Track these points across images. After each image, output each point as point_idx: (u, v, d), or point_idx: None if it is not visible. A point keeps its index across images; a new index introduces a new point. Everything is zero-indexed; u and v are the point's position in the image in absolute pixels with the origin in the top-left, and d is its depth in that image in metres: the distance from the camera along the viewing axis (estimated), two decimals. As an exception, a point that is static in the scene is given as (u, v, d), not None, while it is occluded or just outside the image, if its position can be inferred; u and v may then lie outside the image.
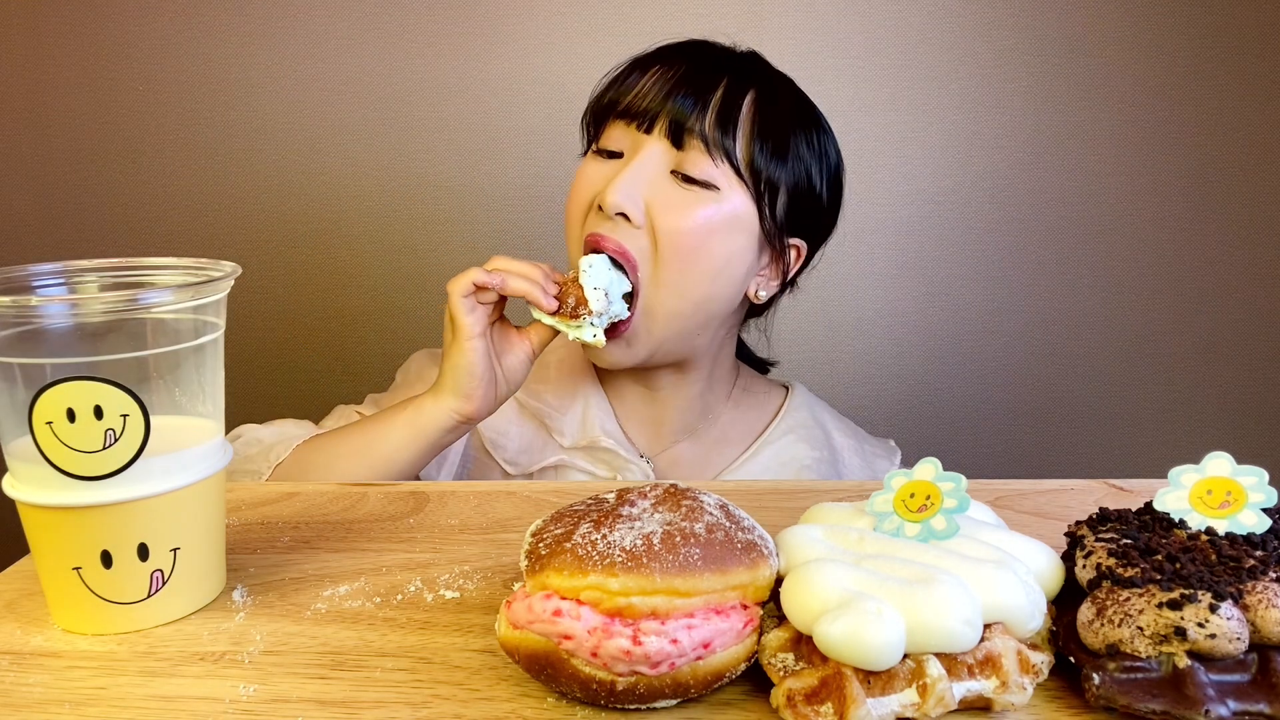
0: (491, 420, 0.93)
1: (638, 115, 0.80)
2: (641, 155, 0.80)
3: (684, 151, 0.80)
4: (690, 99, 0.79)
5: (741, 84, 0.82)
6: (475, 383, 0.78)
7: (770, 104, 0.83)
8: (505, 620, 0.43)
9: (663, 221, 0.79)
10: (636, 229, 0.80)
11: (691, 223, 0.79)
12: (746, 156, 0.80)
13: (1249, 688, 0.38)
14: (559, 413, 0.92)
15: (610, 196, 0.79)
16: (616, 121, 0.83)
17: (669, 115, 0.79)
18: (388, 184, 1.38)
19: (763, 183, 0.81)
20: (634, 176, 0.79)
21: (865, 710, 0.38)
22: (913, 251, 1.39)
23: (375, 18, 1.34)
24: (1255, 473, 0.46)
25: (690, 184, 0.80)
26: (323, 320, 1.41)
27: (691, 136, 0.79)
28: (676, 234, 0.79)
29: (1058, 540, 0.51)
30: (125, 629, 0.49)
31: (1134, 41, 1.33)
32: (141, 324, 0.49)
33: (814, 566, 0.42)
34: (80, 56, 1.36)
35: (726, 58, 0.84)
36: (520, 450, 0.92)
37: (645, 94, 0.80)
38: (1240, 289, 1.39)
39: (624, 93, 0.82)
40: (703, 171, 0.79)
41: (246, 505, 0.67)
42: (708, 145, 0.79)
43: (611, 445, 0.89)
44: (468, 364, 0.77)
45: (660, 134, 0.80)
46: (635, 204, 0.79)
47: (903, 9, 1.33)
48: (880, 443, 1.00)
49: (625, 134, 0.82)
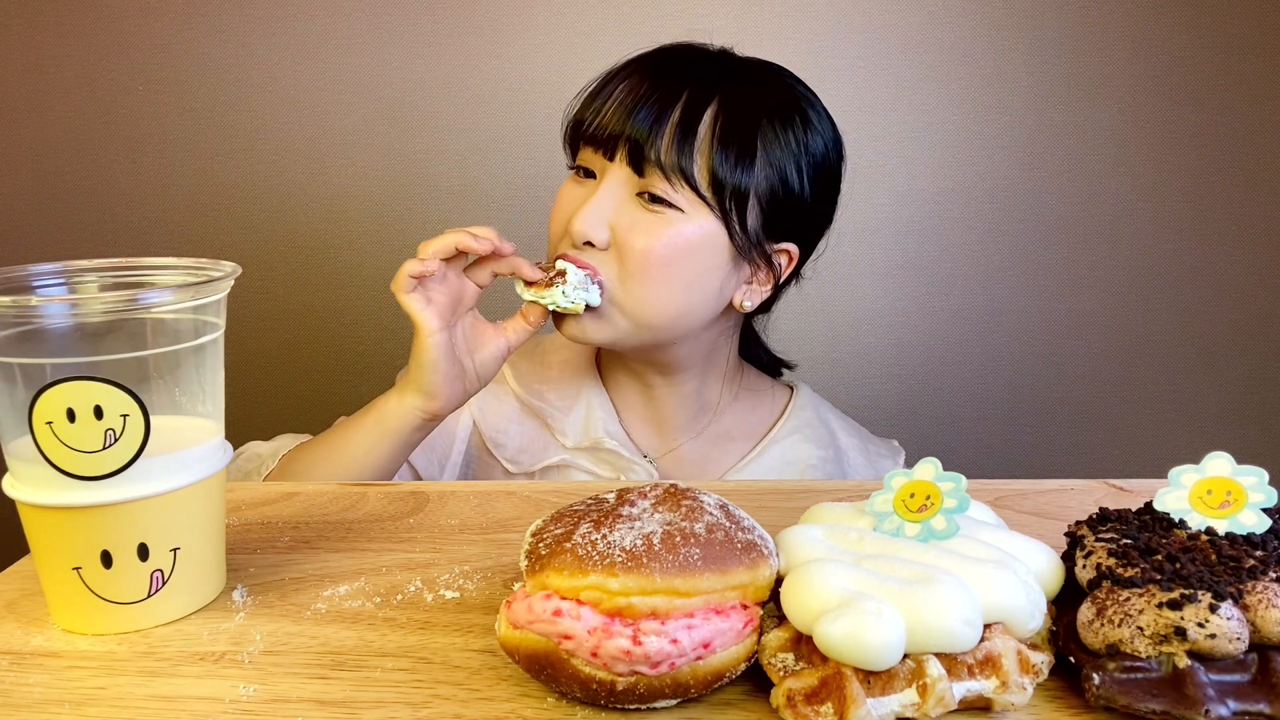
0: (492, 420, 0.93)
1: (601, 142, 0.82)
2: (606, 182, 0.81)
3: (645, 177, 0.80)
4: (647, 122, 0.80)
5: (706, 93, 0.81)
6: (439, 379, 0.78)
7: (735, 108, 0.81)
8: (505, 620, 0.43)
9: (628, 243, 0.80)
10: (603, 251, 0.81)
11: (656, 243, 0.80)
12: (706, 172, 0.80)
13: (1249, 688, 0.38)
14: (561, 413, 0.92)
15: (575, 225, 0.80)
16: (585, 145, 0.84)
17: (628, 138, 0.80)
18: (388, 184, 1.38)
19: (728, 198, 0.80)
20: (599, 204, 0.81)
21: (865, 710, 0.38)
22: (913, 251, 1.39)
23: (375, 18, 1.34)
24: (1255, 473, 0.46)
25: (656, 204, 0.80)
26: (323, 320, 1.41)
27: (648, 164, 0.80)
28: (642, 254, 0.80)
29: (1058, 540, 0.51)
30: (125, 629, 0.49)
31: (1134, 41, 1.33)
32: (141, 324, 0.49)
33: (814, 566, 0.42)
34: (80, 56, 1.36)
35: (692, 65, 0.84)
36: (521, 450, 0.92)
37: (607, 119, 0.81)
38: (1240, 289, 1.39)
39: (590, 115, 0.83)
40: (664, 193, 0.80)
41: (246, 505, 0.67)
42: (664, 172, 0.79)
43: (615, 446, 0.89)
44: (429, 360, 0.77)
45: (621, 160, 0.81)
46: (599, 231, 0.80)
47: (903, 9, 1.33)
48: (884, 443, 1.00)
49: (594, 156, 0.83)
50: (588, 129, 0.82)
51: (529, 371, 0.95)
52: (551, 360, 0.95)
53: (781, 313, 0.96)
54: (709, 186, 0.80)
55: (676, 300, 0.82)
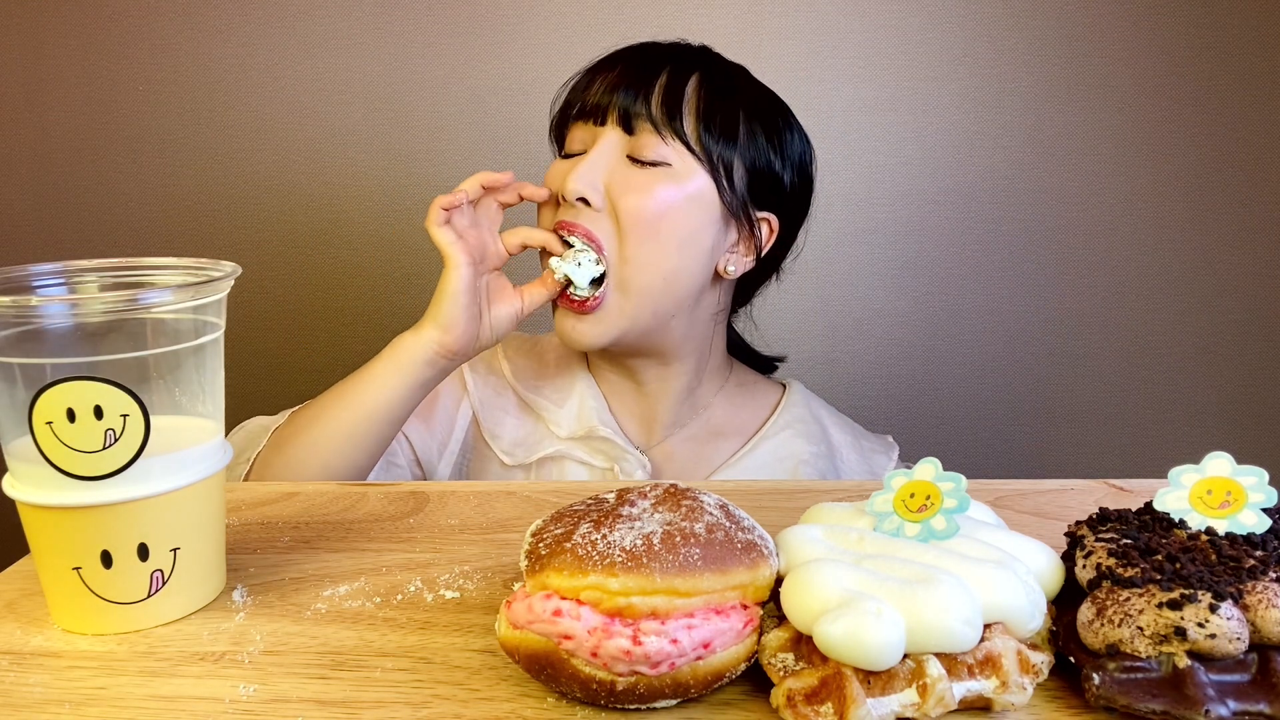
0: (492, 412, 0.94)
1: (590, 112, 0.85)
2: (598, 145, 0.84)
3: (636, 136, 0.83)
4: (634, 89, 0.83)
5: (685, 70, 0.85)
6: (458, 311, 0.81)
7: (715, 87, 0.85)
8: (505, 620, 0.43)
9: (623, 202, 0.82)
10: (598, 212, 0.83)
11: (650, 199, 0.82)
12: (695, 129, 0.84)
13: (1249, 688, 0.38)
14: (555, 405, 0.93)
15: (570, 184, 0.83)
16: (575, 124, 0.87)
17: (618, 105, 0.83)
18: (388, 184, 1.38)
19: (715, 158, 0.84)
20: (592, 164, 0.83)
21: (865, 710, 0.38)
22: (913, 251, 1.39)
23: (375, 18, 1.34)
24: (1255, 473, 0.46)
25: (646, 166, 0.83)
26: (323, 320, 1.41)
27: (640, 120, 0.83)
28: (637, 211, 0.82)
29: (1058, 540, 0.51)
30: (125, 629, 0.49)
31: (1134, 41, 1.33)
32: (141, 324, 0.49)
33: (814, 566, 0.42)
34: (80, 56, 1.36)
35: (672, 51, 0.88)
36: (517, 442, 0.93)
37: (595, 92, 0.85)
38: (1240, 289, 1.39)
39: (577, 95, 0.87)
40: (655, 152, 0.83)
41: (246, 505, 0.67)
42: (656, 126, 0.82)
43: (609, 434, 0.90)
44: (452, 290, 0.80)
45: (613, 123, 0.84)
46: (595, 189, 0.83)
47: (903, 9, 1.33)
48: (878, 439, 1.01)
49: (584, 132, 0.86)
50: (576, 108, 0.86)
51: (526, 368, 0.97)
52: (548, 357, 0.97)
53: (782, 313, 0.96)
54: (697, 142, 0.83)
55: (671, 258, 0.84)
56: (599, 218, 0.83)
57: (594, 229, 0.83)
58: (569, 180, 0.83)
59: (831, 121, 1.34)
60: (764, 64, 0.98)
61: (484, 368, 0.97)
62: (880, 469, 0.96)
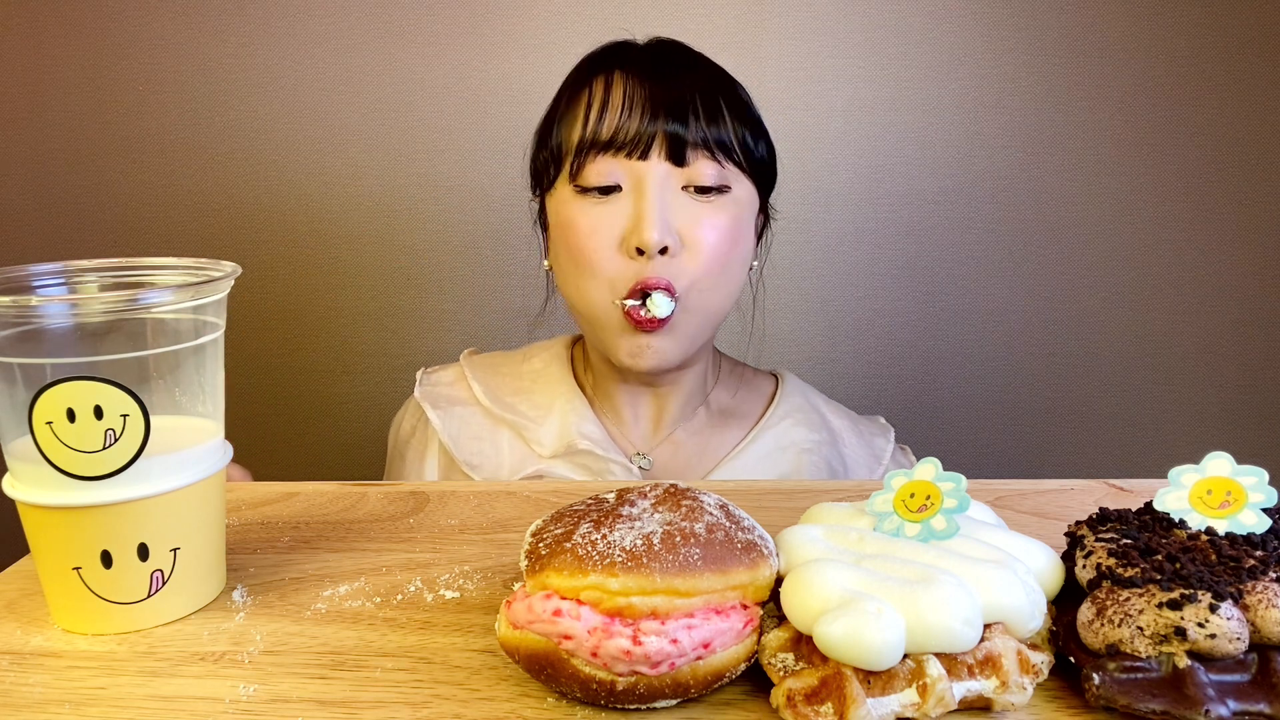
0: (464, 443, 0.90)
1: (628, 144, 0.80)
2: (652, 183, 0.80)
3: (688, 166, 0.80)
4: (675, 114, 0.79)
5: (695, 74, 0.83)
6: None
7: (717, 83, 0.84)
8: (505, 620, 0.43)
9: (701, 240, 0.80)
10: (673, 258, 0.80)
11: (724, 234, 0.81)
12: (738, 142, 0.82)
13: (1249, 688, 0.38)
14: (535, 423, 0.90)
15: (651, 235, 0.78)
16: (600, 156, 0.81)
17: (664, 135, 0.79)
18: (388, 184, 1.38)
19: (758, 162, 0.83)
20: (660, 208, 0.79)
21: (865, 710, 0.38)
22: (913, 251, 1.39)
23: (375, 18, 1.34)
24: (1255, 473, 0.46)
25: (704, 194, 0.81)
26: (323, 320, 1.41)
27: (694, 150, 0.80)
28: (715, 247, 0.81)
29: (1058, 540, 0.51)
30: (125, 629, 0.49)
31: (1134, 41, 1.33)
32: (141, 324, 0.49)
33: (814, 566, 0.42)
34: (80, 56, 1.36)
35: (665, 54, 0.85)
36: (498, 467, 0.90)
37: (629, 123, 0.80)
38: (1240, 289, 1.39)
39: (603, 128, 0.80)
40: (712, 178, 0.81)
41: (246, 505, 0.67)
42: (712, 151, 0.80)
43: (588, 447, 0.87)
44: None
45: (660, 156, 0.80)
46: (672, 234, 0.80)
47: (903, 9, 1.33)
48: (871, 420, 1.00)
49: (616, 165, 0.81)
50: (609, 139, 0.80)
51: (499, 385, 0.94)
52: (523, 371, 0.94)
53: (782, 313, 0.96)
54: (745, 155, 0.82)
55: (736, 279, 0.84)
56: (672, 263, 0.80)
57: (672, 276, 0.80)
58: (648, 230, 0.78)
59: (831, 121, 1.34)
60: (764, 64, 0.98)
61: (446, 400, 0.93)
62: (881, 451, 0.96)
